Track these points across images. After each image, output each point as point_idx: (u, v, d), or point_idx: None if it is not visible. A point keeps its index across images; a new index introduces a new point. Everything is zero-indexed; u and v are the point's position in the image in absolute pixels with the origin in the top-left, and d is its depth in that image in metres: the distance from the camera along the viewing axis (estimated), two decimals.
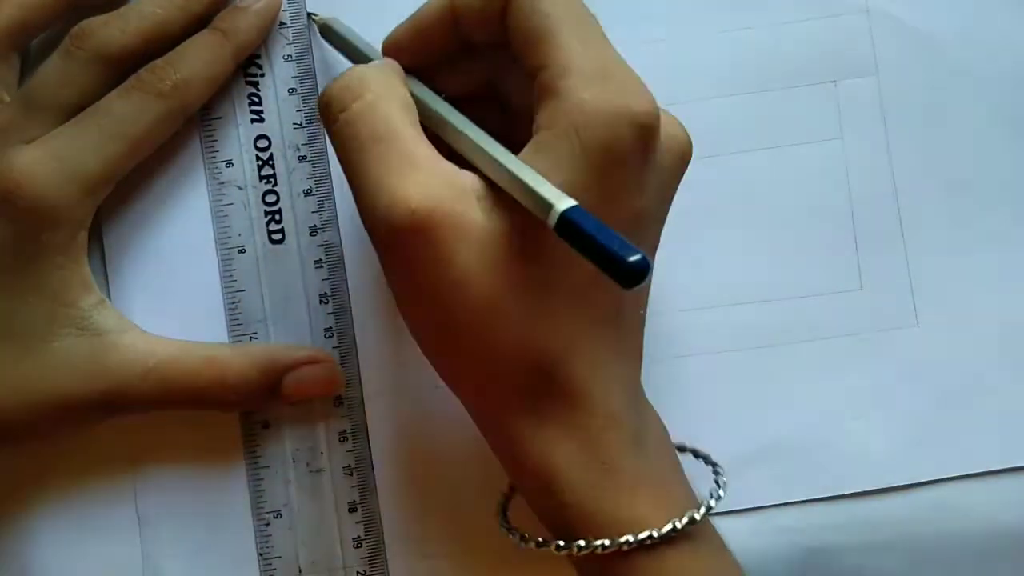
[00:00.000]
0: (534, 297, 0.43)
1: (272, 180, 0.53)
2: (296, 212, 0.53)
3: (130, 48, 0.50)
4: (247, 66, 0.54)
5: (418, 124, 0.45)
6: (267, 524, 0.53)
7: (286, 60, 0.54)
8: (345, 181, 0.49)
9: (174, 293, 0.54)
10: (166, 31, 0.51)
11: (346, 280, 0.53)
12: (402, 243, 0.43)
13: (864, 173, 0.55)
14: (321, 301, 0.53)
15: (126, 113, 0.50)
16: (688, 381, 0.54)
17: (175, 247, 0.54)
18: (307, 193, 0.53)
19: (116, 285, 0.53)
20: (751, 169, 0.55)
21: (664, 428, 0.48)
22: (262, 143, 0.53)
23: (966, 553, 0.54)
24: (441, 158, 0.44)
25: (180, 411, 0.52)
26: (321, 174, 0.53)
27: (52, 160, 0.49)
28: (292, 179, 0.53)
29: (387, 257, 0.45)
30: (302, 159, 0.53)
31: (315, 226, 0.53)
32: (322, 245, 0.53)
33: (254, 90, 0.54)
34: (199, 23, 0.52)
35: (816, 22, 0.55)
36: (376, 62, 0.48)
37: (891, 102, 0.55)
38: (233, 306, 0.53)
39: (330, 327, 0.53)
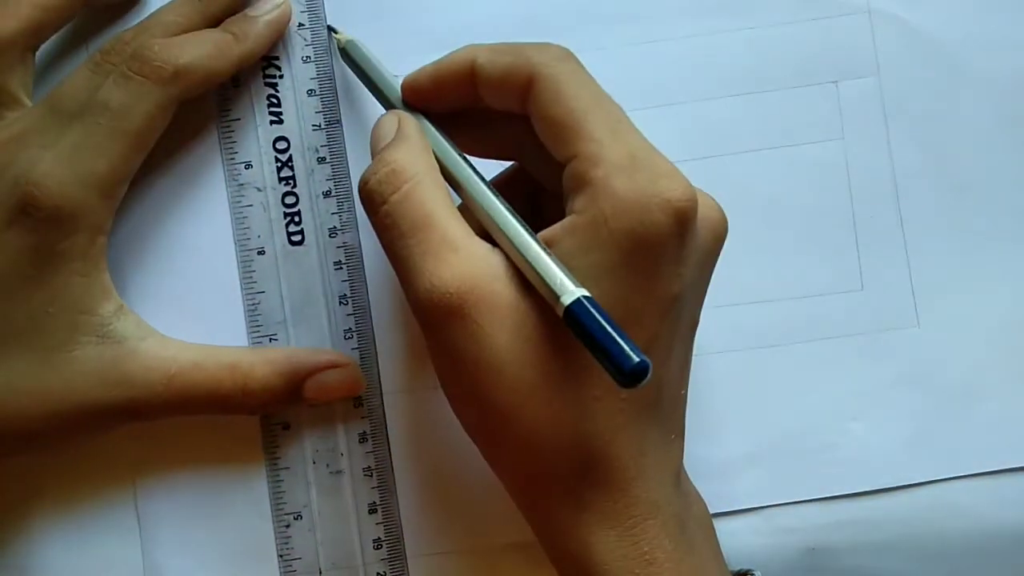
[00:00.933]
0: (572, 380, 0.43)
1: (291, 182, 0.53)
2: (316, 214, 0.53)
3: None
4: (266, 68, 0.54)
5: (451, 202, 0.46)
6: (287, 525, 0.53)
7: (305, 62, 0.54)
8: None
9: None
10: None
11: (366, 281, 0.54)
12: (440, 324, 0.44)
13: (865, 173, 0.55)
14: (341, 302, 0.53)
15: (125, 105, 0.49)
16: (689, 381, 0.54)
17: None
18: (327, 195, 0.53)
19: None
20: (752, 169, 0.55)
21: (705, 508, 0.49)
22: (281, 145, 0.53)
23: (966, 553, 0.54)
24: (475, 238, 0.45)
25: (201, 416, 0.52)
26: (340, 176, 0.53)
27: (63, 167, 0.48)
28: (311, 181, 0.53)
29: (429, 338, 0.45)
30: (321, 161, 0.53)
31: (335, 228, 0.53)
32: (342, 247, 0.53)
33: (273, 92, 0.54)
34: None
35: (817, 23, 0.56)
36: (394, 117, 0.49)
37: (892, 102, 0.56)
38: (253, 308, 0.53)
39: (350, 328, 0.53)
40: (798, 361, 0.55)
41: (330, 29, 0.54)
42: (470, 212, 0.46)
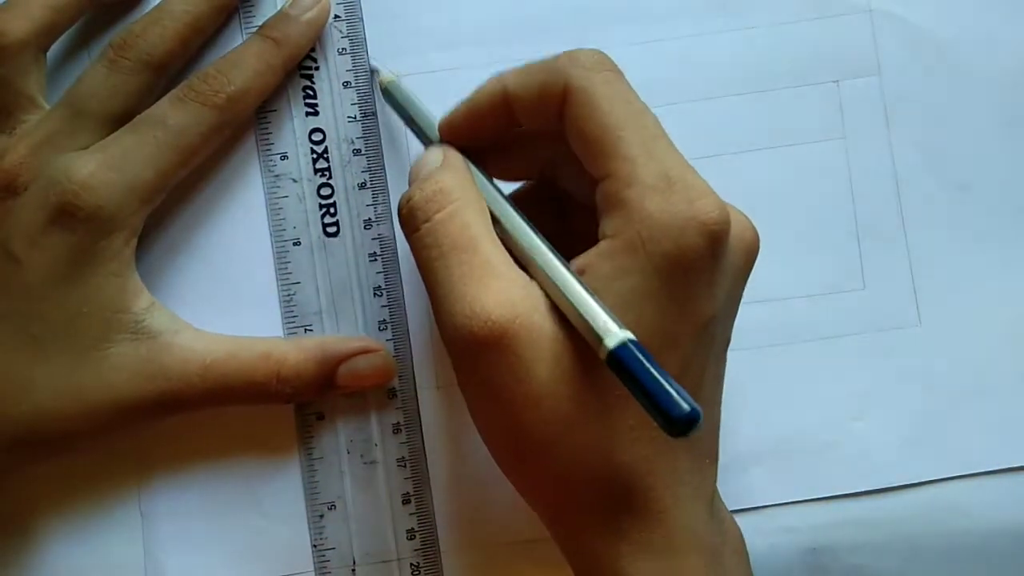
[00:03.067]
0: (607, 411, 0.43)
1: (327, 173, 0.53)
2: (351, 205, 0.53)
3: (171, 52, 0.51)
4: (302, 59, 0.54)
5: (493, 231, 0.45)
6: (321, 516, 0.53)
7: (341, 53, 0.54)
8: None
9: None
10: (199, 27, 0.52)
11: (400, 273, 0.54)
12: (479, 352, 0.42)
13: (867, 173, 0.56)
14: (375, 294, 0.53)
15: (181, 124, 0.50)
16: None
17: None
18: (361, 186, 0.53)
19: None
20: (754, 169, 0.55)
21: (739, 532, 0.48)
22: (317, 136, 0.54)
23: (967, 553, 0.55)
24: (515, 266, 0.44)
25: (236, 407, 0.52)
26: (376, 167, 0.54)
27: (110, 170, 0.49)
28: (347, 172, 0.54)
29: (463, 366, 0.44)
30: (357, 152, 0.54)
31: (369, 219, 0.53)
32: (376, 238, 0.53)
33: (309, 83, 0.54)
34: (227, 15, 0.53)
35: (819, 22, 0.56)
36: (438, 149, 0.48)
37: (893, 102, 0.56)
38: (288, 299, 0.53)
39: (384, 320, 0.53)
40: (800, 360, 0.55)
41: (373, 71, 0.54)
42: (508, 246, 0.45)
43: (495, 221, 0.46)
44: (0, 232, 0.49)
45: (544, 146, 0.49)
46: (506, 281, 0.43)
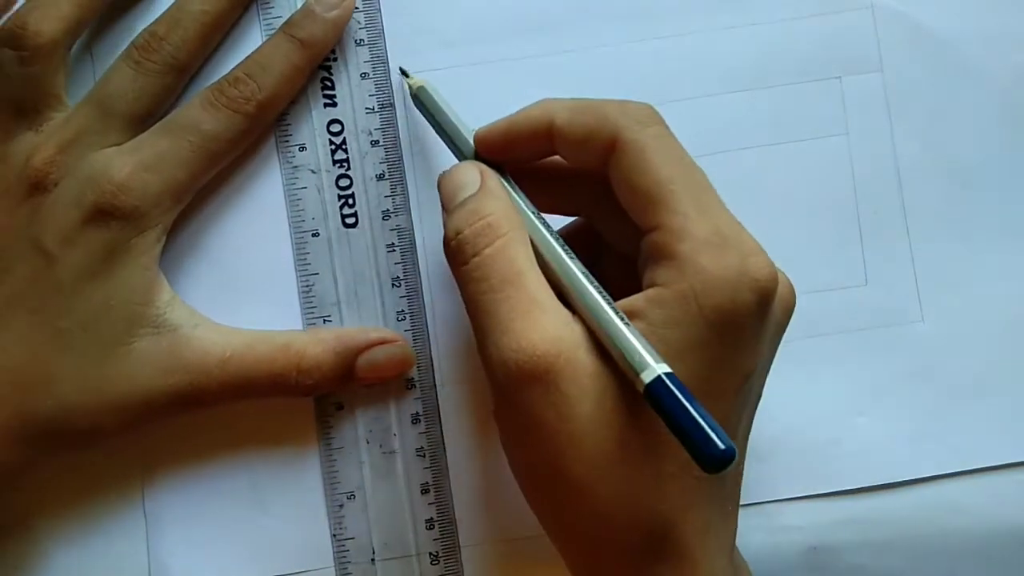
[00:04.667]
0: (649, 455, 0.42)
1: (345, 164, 0.54)
2: (369, 196, 0.54)
3: (194, 53, 0.52)
4: None
5: (536, 263, 0.45)
6: (341, 506, 0.53)
7: (359, 44, 0.54)
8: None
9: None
10: (219, 25, 0.53)
11: (418, 264, 0.54)
12: (521, 387, 0.42)
13: (869, 168, 0.56)
14: (393, 285, 0.53)
15: (214, 130, 0.51)
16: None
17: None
18: (380, 177, 0.54)
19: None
20: (756, 165, 0.55)
21: None
22: (335, 127, 0.54)
23: (967, 551, 0.55)
24: (558, 302, 0.44)
25: (257, 400, 0.52)
26: (393, 159, 0.54)
27: (146, 171, 0.50)
28: (365, 163, 0.54)
29: (502, 400, 0.44)
30: (375, 143, 0.54)
31: (388, 210, 0.54)
32: (395, 229, 0.54)
33: (327, 75, 0.54)
34: (244, 9, 0.54)
35: (821, 18, 0.56)
36: (474, 168, 0.48)
37: (896, 98, 0.56)
38: (307, 289, 0.53)
39: (402, 310, 0.53)
40: (802, 356, 0.55)
41: (402, 72, 0.54)
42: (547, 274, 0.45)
43: (534, 247, 0.46)
44: (31, 228, 0.49)
45: (584, 185, 0.49)
46: (551, 316, 0.43)
